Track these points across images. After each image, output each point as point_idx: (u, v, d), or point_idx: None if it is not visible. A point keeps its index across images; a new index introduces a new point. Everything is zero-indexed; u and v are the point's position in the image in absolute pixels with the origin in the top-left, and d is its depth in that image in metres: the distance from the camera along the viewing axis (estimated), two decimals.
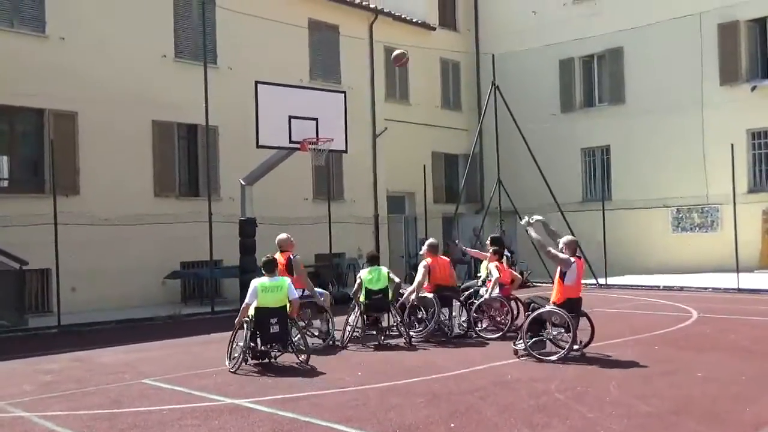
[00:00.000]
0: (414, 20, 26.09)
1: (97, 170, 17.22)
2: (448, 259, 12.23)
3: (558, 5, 25.93)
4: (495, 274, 11.75)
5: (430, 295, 11.51)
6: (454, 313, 11.85)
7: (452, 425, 6.48)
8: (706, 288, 18.28)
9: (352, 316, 11.47)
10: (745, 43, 22.35)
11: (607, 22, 24.52)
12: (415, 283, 11.62)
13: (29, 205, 15.89)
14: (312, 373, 9.14)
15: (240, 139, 18.25)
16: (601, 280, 20.37)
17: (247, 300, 9.57)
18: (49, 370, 9.94)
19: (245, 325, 9.49)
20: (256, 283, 9.60)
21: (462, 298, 12.30)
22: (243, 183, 16.31)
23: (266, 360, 9.58)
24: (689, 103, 22.83)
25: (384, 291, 11.35)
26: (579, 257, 9.64)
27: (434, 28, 26.90)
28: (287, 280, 9.97)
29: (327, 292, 11.67)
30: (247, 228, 16.01)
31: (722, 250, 20.73)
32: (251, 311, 9.52)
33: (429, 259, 11.68)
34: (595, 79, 25.90)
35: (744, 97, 21.92)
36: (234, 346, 9.60)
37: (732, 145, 18.59)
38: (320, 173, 20.91)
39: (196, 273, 18.45)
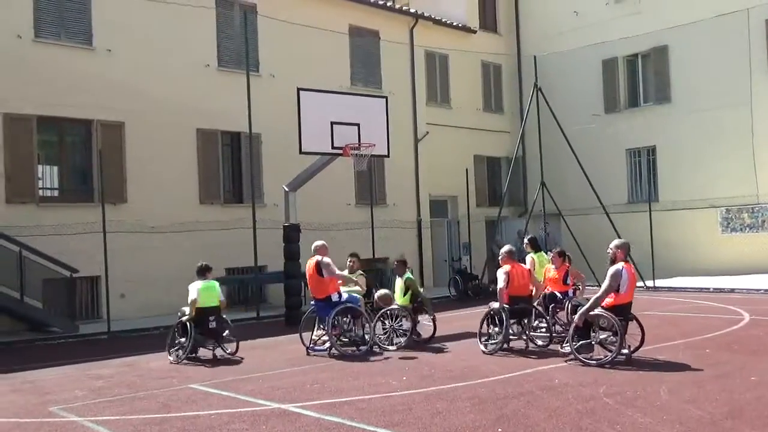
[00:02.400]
0: (454, 24, 26.03)
1: (143, 179, 17.52)
2: (527, 267, 11.53)
3: (600, 5, 25.61)
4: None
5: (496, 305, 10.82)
6: (534, 323, 11.28)
7: (499, 430, 6.42)
8: (757, 290, 17.85)
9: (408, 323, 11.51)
10: None
11: (650, 20, 24.13)
12: (499, 293, 10.68)
13: (78, 213, 16.24)
14: (357, 378, 9.15)
15: (283, 146, 18.41)
16: (649, 283, 20.03)
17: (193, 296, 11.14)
18: (100, 376, 10.12)
19: (188, 323, 11.03)
20: (197, 285, 11.31)
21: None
22: (286, 189, 16.43)
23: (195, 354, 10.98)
24: (737, 100, 22.33)
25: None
26: (628, 261, 9.48)
27: (475, 31, 26.79)
28: (216, 283, 11.63)
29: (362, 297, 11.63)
30: (291, 234, 16.12)
31: None
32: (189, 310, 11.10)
33: (508, 267, 10.76)
34: (640, 78, 25.50)
35: None
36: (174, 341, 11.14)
37: None
38: (362, 178, 20.96)
39: (241, 279, 18.63)
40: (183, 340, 11.07)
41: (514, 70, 28.12)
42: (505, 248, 11.00)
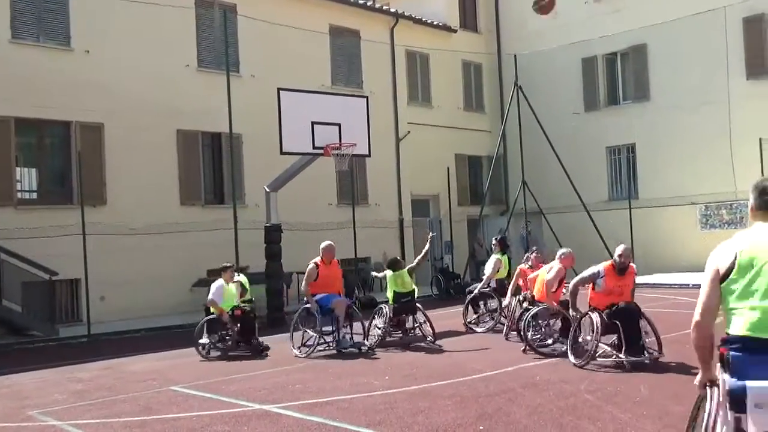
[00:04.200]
0: (435, 23, 26.08)
1: (123, 180, 17.41)
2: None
3: (579, 4, 25.76)
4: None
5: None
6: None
7: (481, 427, 6.44)
8: None
9: (379, 320, 11.54)
10: None
11: (629, 19, 24.29)
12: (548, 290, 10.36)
13: (58, 216, 16.11)
14: (340, 378, 9.15)
15: (264, 146, 18.36)
16: None
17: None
18: (80, 379, 10.05)
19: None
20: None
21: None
22: (267, 189, 16.38)
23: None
24: (715, 98, 22.53)
25: (412, 294, 11.56)
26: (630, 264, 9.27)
27: (455, 31, 26.86)
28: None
29: (342, 299, 11.41)
30: (273, 234, 16.07)
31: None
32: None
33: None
34: (619, 76, 25.68)
35: None
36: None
37: (760, 140, 18.32)
38: (344, 178, 20.94)
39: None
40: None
41: (494, 69, 28.22)
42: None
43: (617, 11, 24.76)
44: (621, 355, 8.78)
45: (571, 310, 9.36)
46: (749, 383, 3.48)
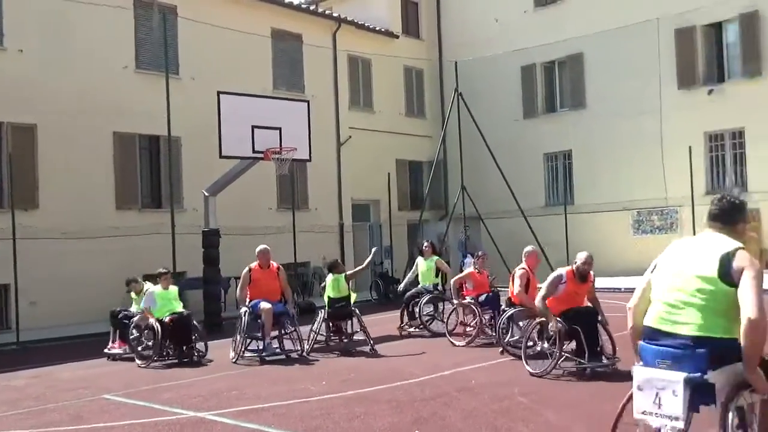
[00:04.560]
0: (377, 28, 26.18)
1: (57, 183, 16.98)
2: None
3: (519, 13, 26.21)
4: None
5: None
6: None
7: (416, 431, 6.50)
8: None
9: (316, 324, 11.54)
10: (701, 47, 22.76)
11: (567, 28, 24.82)
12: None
13: None
14: (277, 383, 9.10)
15: (203, 150, 18.15)
16: None
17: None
18: (8, 388, 9.77)
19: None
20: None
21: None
22: (206, 194, 16.20)
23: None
24: (648, 107, 23.19)
25: (347, 299, 11.55)
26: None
27: (397, 36, 27.02)
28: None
29: (268, 305, 11.05)
30: (211, 239, 15.90)
31: None
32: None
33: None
34: (557, 84, 26.22)
35: (701, 101, 22.31)
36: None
37: (690, 148, 18.89)
38: (284, 182, 20.85)
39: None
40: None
41: (436, 76, 28.49)
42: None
43: (555, 21, 25.28)
44: (584, 362, 8.58)
45: (551, 325, 8.75)
46: (635, 368, 4.11)
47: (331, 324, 11.66)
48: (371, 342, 11.34)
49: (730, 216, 4.16)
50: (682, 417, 3.84)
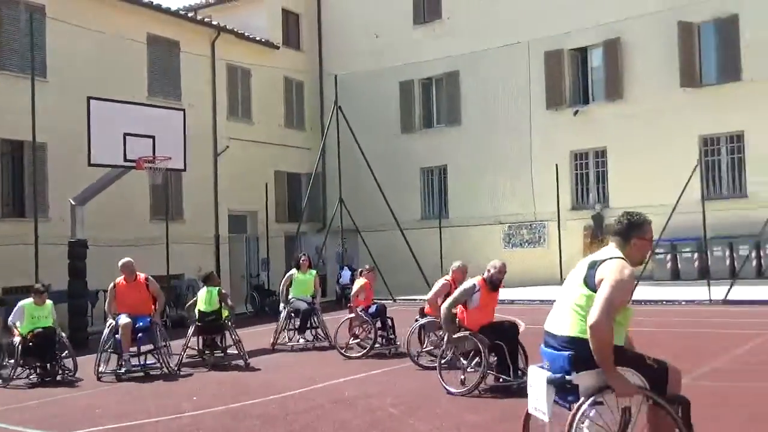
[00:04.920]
0: (257, 38, 25.99)
1: None
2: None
3: (399, 29, 26.72)
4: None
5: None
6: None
7: None
8: (533, 300, 19.33)
9: (186, 338, 11.32)
10: (568, 70, 23.98)
11: (444, 46, 25.50)
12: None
13: None
14: (145, 399, 8.86)
15: (71, 157, 17.41)
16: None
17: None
18: None
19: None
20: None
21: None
22: (73, 203, 15.56)
23: None
24: (519, 126, 24.16)
25: (217, 313, 11.37)
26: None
27: (278, 47, 26.91)
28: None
29: (126, 320, 10.63)
30: (77, 250, 15.27)
31: (549, 264, 22.08)
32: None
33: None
34: (434, 100, 26.90)
35: (568, 121, 23.48)
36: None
37: (556, 165, 19.82)
38: (158, 192, 20.31)
39: (18, 299, 17.27)
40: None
41: (316, 88, 28.57)
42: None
43: (434, 38, 25.93)
44: (509, 378, 8.33)
45: (446, 338, 8.60)
46: (529, 368, 4.70)
47: (203, 338, 11.46)
48: (245, 356, 11.23)
49: (626, 232, 4.51)
50: (545, 412, 4.39)
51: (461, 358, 8.57)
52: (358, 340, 11.93)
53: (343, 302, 19.79)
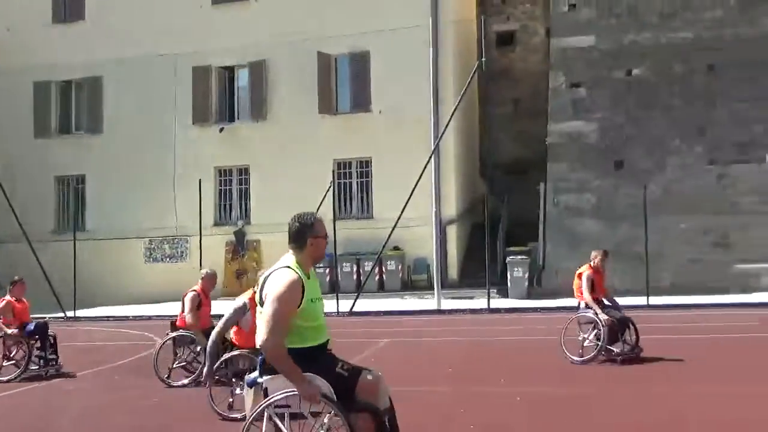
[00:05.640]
0: None
1: None
2: None
3: (37, 25, 24.75)
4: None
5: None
6: None
7: None
8: (160, 316, 18.95)
9: None
10: (216, 87, 24.26)
11: (87, 49, 24.19)
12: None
13: None
14: None
15: None
16: (70, 313, 19.74)
17: None
18: None
19: None
20: None
21: None
22: None
23: None
24: (164, 138, 23.79)
25: None
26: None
27: None
28: None
29: None
30: None
31: (191, 279, 21.87)
32: None
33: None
34: (73, 105, 25.35)
35: (213, 137, 23.70)
36: None
37: (200, 181, 19.91)
38: None
39: None
40: None
41: None
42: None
43: (75, 40, 24.49)
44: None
45: (207, 369, 7.91)
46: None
47: None
48: None
49: (301, 234, 4.56)
50: (246, 411, 4.84)
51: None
52: (14, 361, 10.70)
53: None
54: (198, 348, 9.30)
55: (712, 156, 20.13)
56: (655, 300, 16.75)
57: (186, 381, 9.29)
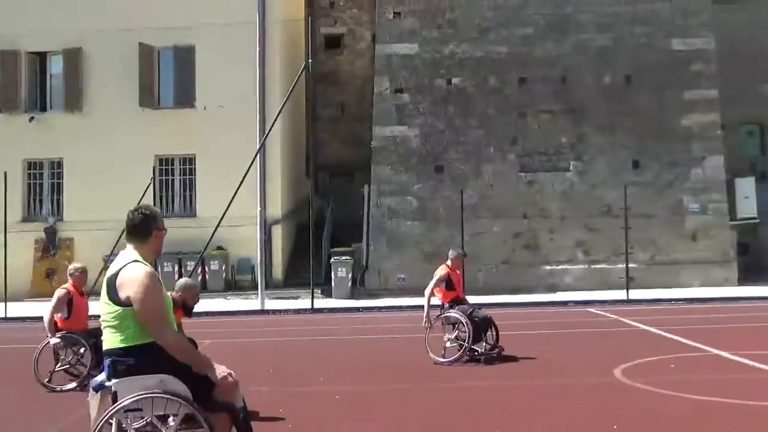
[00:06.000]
0: None
1: None
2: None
3: None
4: None
5: None
6: None
7: None
8: None
9: None
10: (25, 73, 22.68)
11: None
12: None
13: None
14: None
15: None
16: None
17: None
18: None
19: None
20: None
21: None
22: None
23: None
24: None
25: None
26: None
27: None
28: None
29: None
30: None
31: None
32: None
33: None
34: None
35: (22, 128, 22.13)
36: None
37: (5, 173, 18.54)
38: None
39: None
40: None
41: None
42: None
43: None
44: None
45: None
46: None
47: None
48: None
49: (145, 227, 4.35)
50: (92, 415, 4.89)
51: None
52: None
53: None
54: (82, 350, 8.76)
55: (523, 164, 21.47)
56: (470, 300, 17.58)
57: (74, 384, 8.73)
